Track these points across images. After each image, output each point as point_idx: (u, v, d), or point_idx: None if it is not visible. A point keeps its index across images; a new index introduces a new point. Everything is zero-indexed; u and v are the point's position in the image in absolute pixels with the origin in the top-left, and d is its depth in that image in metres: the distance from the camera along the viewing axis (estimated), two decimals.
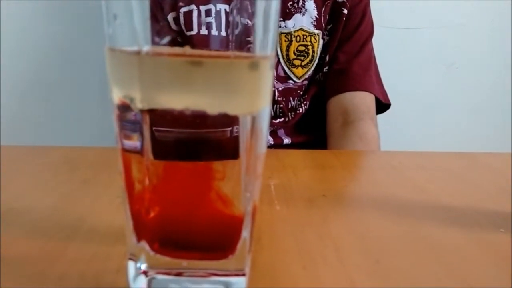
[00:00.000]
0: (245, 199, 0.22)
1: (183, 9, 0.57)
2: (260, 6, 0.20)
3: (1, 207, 0.34)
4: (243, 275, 0.23)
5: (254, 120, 0.21)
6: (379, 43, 0.82)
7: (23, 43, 1.09)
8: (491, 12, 1.11)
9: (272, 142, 0.77)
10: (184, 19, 0.57)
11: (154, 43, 0.21)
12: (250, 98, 0.21)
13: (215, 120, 0.20)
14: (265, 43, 0.21)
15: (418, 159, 0.52)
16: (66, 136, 1.13)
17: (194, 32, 0.56)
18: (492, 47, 1.13)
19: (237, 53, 0.21)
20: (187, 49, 0.20)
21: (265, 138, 0.23)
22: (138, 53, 0.20)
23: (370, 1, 0.81)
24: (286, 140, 0.78)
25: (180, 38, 0.25)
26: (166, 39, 0.21)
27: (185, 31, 0.57)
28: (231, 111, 0.20)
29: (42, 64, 1.10)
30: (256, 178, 0.23)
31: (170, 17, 0.21)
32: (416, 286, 0.25)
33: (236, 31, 0.21)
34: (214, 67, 0.20)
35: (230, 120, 0.21)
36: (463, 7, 1.11)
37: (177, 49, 0.21)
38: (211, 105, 0.20)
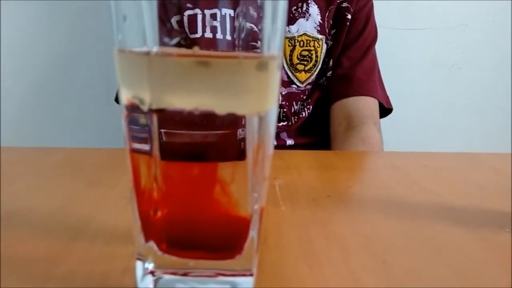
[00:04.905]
0: (252, 200, 0.22)
1: (187, 12, 0.58)
2: (268, 6, 0.20)
3: (7, 208, 0.34)
4: (251, 275, 0.23)
5: (261, 120, 0.21)
6: (381, 44, 0.82)
7: (26, 44, 1.09)
8: (493, 12, 1.11)
9: (274, 143, 0.77)
10: (188, 22, 0.57)
11: (163, 44, 0.21)
12: (258, 98, 0.21)
13: (223, 120, 0.20)
14: (273, 43, 0.21)
15: (421, 160, 0.52)
16: (70, 137, 1.13)
17: (199, 35, 0.57)
18: (494, 47, 1.13)
19: (245, 53, 0.21)
20: (196, 50, 0.21)
21: (272, 138, 0.23)
22: (147, 53, 0.20)
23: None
24: (289, 142, 0.78)
25: (183, 41, 0.25)
26: (175, 40, 0.21)
27: (188, 34, 0.57)
28: (239, 111, 0.20)
29: (45, 64, 1.11)
30: (264, 179, 0.23)
31: (173, 20, 0.21)
32: (422, 286, 0.25)
33: (242, 35, 0.21)
34: (222, 67, 0.20)
35: (238, 121, 0.21)
36: (465, 7, 1.11)
37: (186, 50, 0.21)
38: (220, 105, 0.20)
